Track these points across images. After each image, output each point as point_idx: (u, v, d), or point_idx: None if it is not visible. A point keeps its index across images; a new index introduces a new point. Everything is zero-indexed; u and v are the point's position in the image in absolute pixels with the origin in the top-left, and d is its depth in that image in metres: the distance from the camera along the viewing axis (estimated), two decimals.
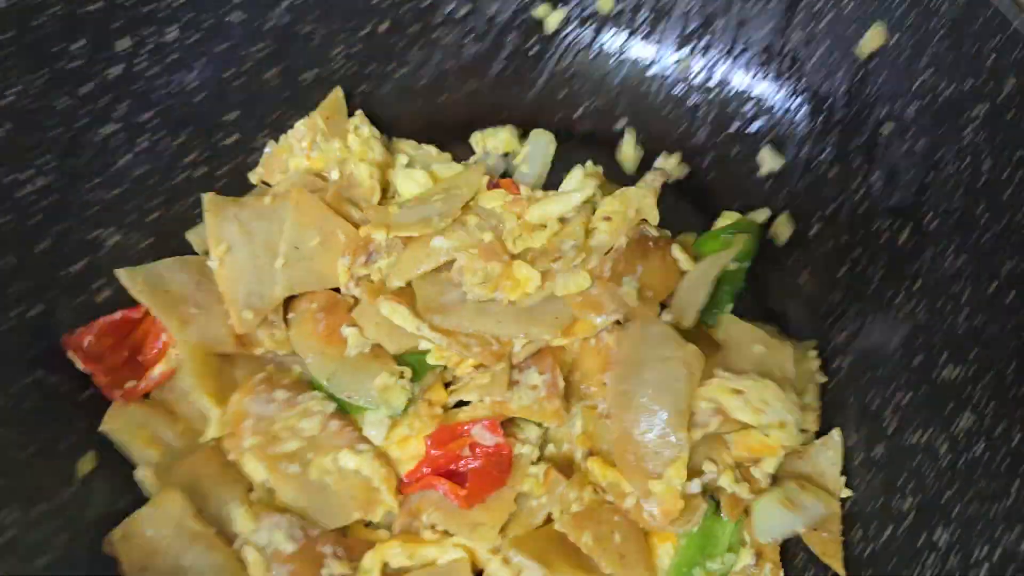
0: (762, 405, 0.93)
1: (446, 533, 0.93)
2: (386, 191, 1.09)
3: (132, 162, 1.01)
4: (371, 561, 0.91)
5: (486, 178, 1.08)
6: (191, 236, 1.04)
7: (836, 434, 0.97)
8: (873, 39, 1.01)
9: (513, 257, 0.99)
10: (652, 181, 1.09)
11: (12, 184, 0.90)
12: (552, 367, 0.98)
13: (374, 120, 1.13)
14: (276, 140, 1.10)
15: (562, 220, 1.03)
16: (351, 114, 1.12)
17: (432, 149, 1.12)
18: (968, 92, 0.93)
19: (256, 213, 1.01)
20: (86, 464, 0.90)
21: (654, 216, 1.06)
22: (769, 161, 1.13)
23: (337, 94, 1.11)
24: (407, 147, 1.13)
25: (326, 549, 0.90)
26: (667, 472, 0.91)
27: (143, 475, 0.91)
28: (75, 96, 0.95)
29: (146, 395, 0.98)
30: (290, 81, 1.10)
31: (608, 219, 1.02)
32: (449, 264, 0.99)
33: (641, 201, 1.06)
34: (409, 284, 1.00)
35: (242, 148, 1.10)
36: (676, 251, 1.04)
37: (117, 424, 0.94)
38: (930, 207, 0.97)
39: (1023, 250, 0.87)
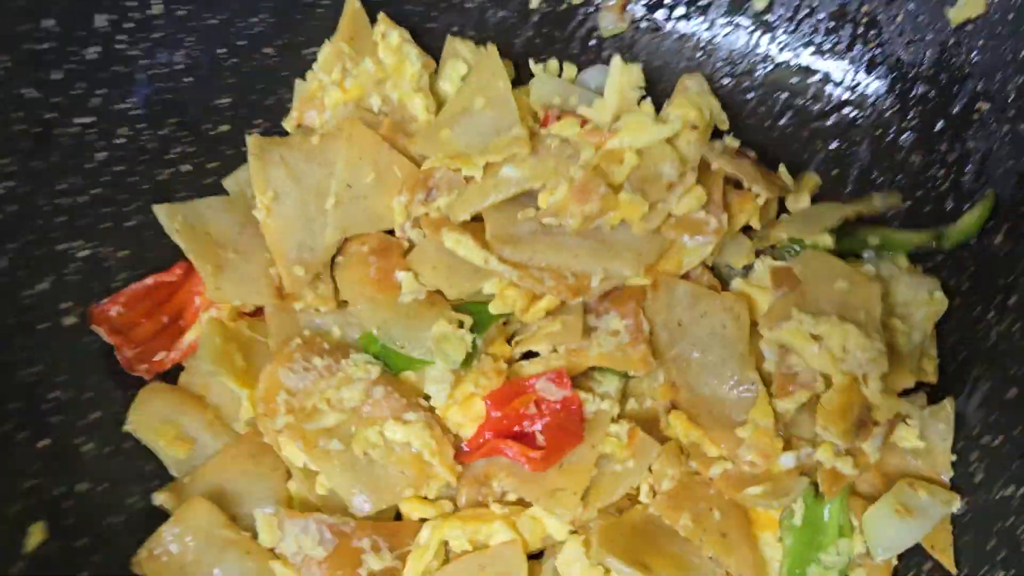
0: (842, 353, 0.82)
1: (519, 503, 0.85)
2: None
3: (108, 159, 0.89)
4: (428, 535, 0.83)
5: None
6: (228, 183, 0.95)
7: (949, 404, 0.86)
8: (970, 4, 0.88)
9: (614, 188, 0.87)
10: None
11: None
12: (635, 311, 0.88)
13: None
14: (303, 78, 0.99)
15: None
16: (373, 22, 0.98)
17: (491, 53, 0.98)
18: None
19: (304, 155, 0.92)
20: (36, 535, 0.78)
21: (724, 120, 0.98)
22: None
23: (353, 5, 0.98)
24: (466, 49, 1.00)
25: (363, 543, 0.83)
26: (751, 415, 0.84)
27: (163, 499, 0.85)
28: (44, 84, 0.83)
29: (171, 374, 0.92)
30: (291, 58, 0.98)
31: (695, 127, 0.91)
32: (522, 194, 0.89)
33: (709, 102, 0.97)
34: (474, 218, 0.90)
35: (234, 138, 0.97)
36: (782, 171, 0.97)
37: (142, 420, 0.87)
38: None
39: None
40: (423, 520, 0.84)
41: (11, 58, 0.80)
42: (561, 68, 1.04)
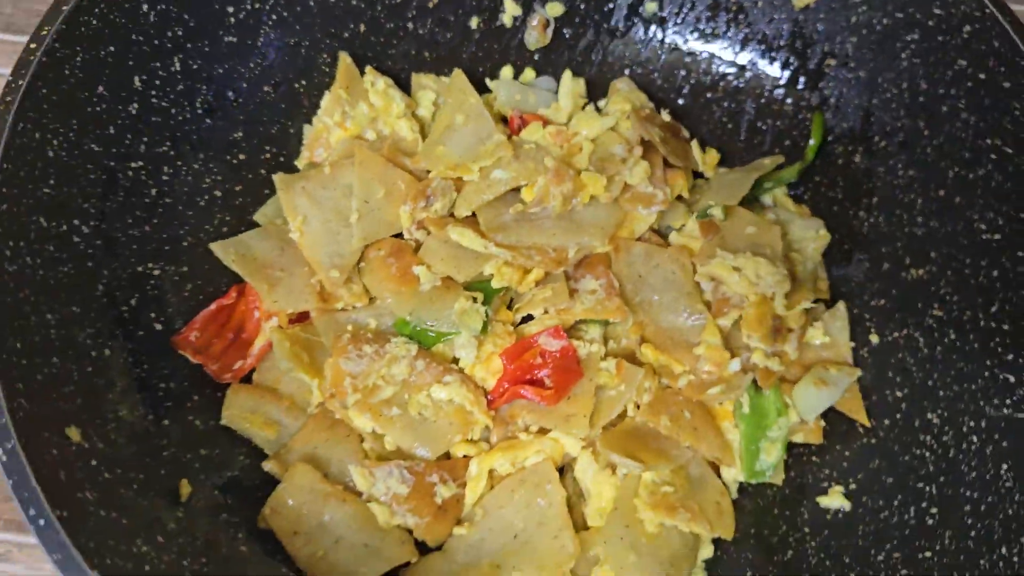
0: (756, 279, 1.07)
1: (541, 431, 1.05)
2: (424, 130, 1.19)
3: (159, 193, 1.05)
4: (477, 468, 1.03)
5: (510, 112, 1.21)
6: (259, 217, 1.13)
7: (841, 306, 1.12)
8: None
9: (578, 172, 1.11)
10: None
11: (67, 234, 0.93)
12: (605, 272, 1.11)
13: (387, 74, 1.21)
14: (310, 123, 1.19)
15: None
16: (362, 74, 1.19)
17: (457, 76, 1.21)
18: (900, 21, 1.07)
19: (320, 183, 1.12)
20: (184, 488, 0.94)
21: (650, 106, 1.23)
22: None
23: (345, 60, 1.18)
24: (428, 80, 1.22)
25: (433, 478, 1.02)
26: (703, 336, 1.07)
27: (271, 466, 1.01)
28: (103, 138, 0.98)
29: (250, 377, 1.09)
30: (288, 93, 1.17)
31: (628, 117, 1.16)
32: (511, 192, 1.11)
33: (637, 96, 1.22)
34: (472, 214, 1.11)
35: (251, 165, 1.15)
36: (694, 148, 1.21)
37: (233, 414, 1.03)
38: (876, 130, 1.11)
39: (963, 155, 1.02)
40: (468, 457, 1.04)
41: (77, 121, 0.95)
42: (517, 74, 1.25)
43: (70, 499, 0.77)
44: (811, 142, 1.17)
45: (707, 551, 1.01)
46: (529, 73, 1.24)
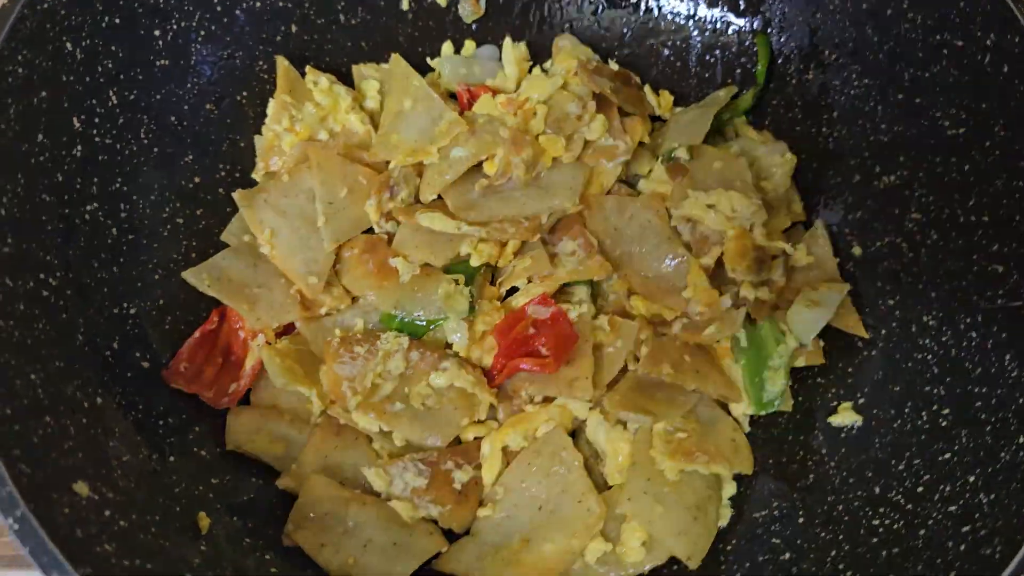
0: (732, 213, 1.07)
1: (546, 400, 1.05)
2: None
3: (120, 231, 1.04)
4: (490, 447, 1.03)
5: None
6: (226, 236, 1.11)
7: (819, 224, 1.13)
8: None
9: (536, 137, 1.10)
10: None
11: (35, 290, 0.91)
12: (581, 231, 1.10)
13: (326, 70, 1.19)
14: (260, 133, 1.17)
15: None
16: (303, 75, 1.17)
17: (396, 61, 1.19)
18: None
19: (281, 192, 1.11)
20: (203, 521, 0.94)
21: (596, 58, 1.23)
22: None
23: (283, 64, 1.16)
24: (370, 71, 1.20)
25: (448, 465, 1.02)
26: (689, 279, 1.07)
27: (286, 482, 1.01)
28: (52, 188, 0.96)
29: (248, 398, 1.09)
30: (232, 109, 1.16)
31: (576, 74, 1.15)
32: (473, 168, 1.09)
33: (581, 50, 1.21)
34: (438, 196, 1.09)
35: (208, 187, 1.14)
36: (647, 92, 1.21)
37: (238, 438, 1.03)
38: (824, 44, 1.12)
39: (916, 56, 1.02)
40: (479, 438, 1.05)
41: (23, 174, 0.92)
42: (458, 48, 1.24)
43: (91, 555, 0.76)
44: (759, 66, 1.17)
45: (730, 489, 1.02)
46: (470, 45, 1.23)
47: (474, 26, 1.23)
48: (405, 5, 1.19)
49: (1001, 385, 0.88)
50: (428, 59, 1.21)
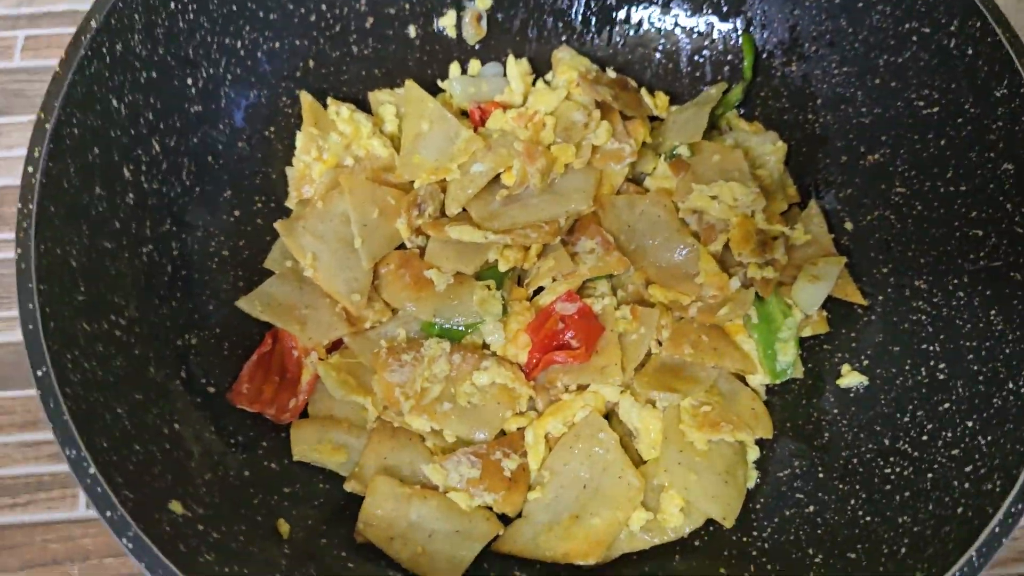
0: (734, 202, 1.18)
1: (580, 388, 1.15)
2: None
3: (174, 268, 1.12)
4: (533, 435, 1.13)
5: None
6: (269, 263, 1.20)
7: (813, 204, 1.24)
8: None
9: (548, 147, 1.20)
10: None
11: (108, 331, 0.98)
12: (598, 230, 1.20)
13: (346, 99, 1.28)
14: (291, 164, 1.25)
15: None
16: (325, 106, 1.26)
17: (410, 86, 1.27)
18: None
19: (317, 219, 1.19)
20: (283, 527, 1.02)
21: (595, 68, 1.32)
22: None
23: (307, 99, 1.24)
24: (386, 96, 1.29)
25: (497, 455, 1.11)
26: (700, 266, 1.17)
27: (352, 485, 1.10)
28: (112, 235, 1.04)
29: (306, 411, 1.16)
30: (259, 143, 1.24)
31: (578, 84, 1.24)
32: (492, 180, 1.18)
33: (581, 61, 1.31)
34: (463, 209, 1.18)
35: (247, 219, 1.22)
36: (644, 95, 1.30)
37: (303, 449, 1.11)
38: (804, 37, 1.21)
39: (888, 44, 1.12)
40: (522, 428, 1.14)
41: (86, 225, 1.00)
42: (464, 68, 1.32)
43: (197, 565, 0.85)
44: (745, 63, 1.27)
45: (754, 453, 1.12)
46: (475, 64, 1.32)
47: (478, 46, 1.32)
48: (412, 33, 1.27)
49: (989, 338, 0.98)
50: (438, 81, 1.30)
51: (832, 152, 1.21)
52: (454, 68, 1.31)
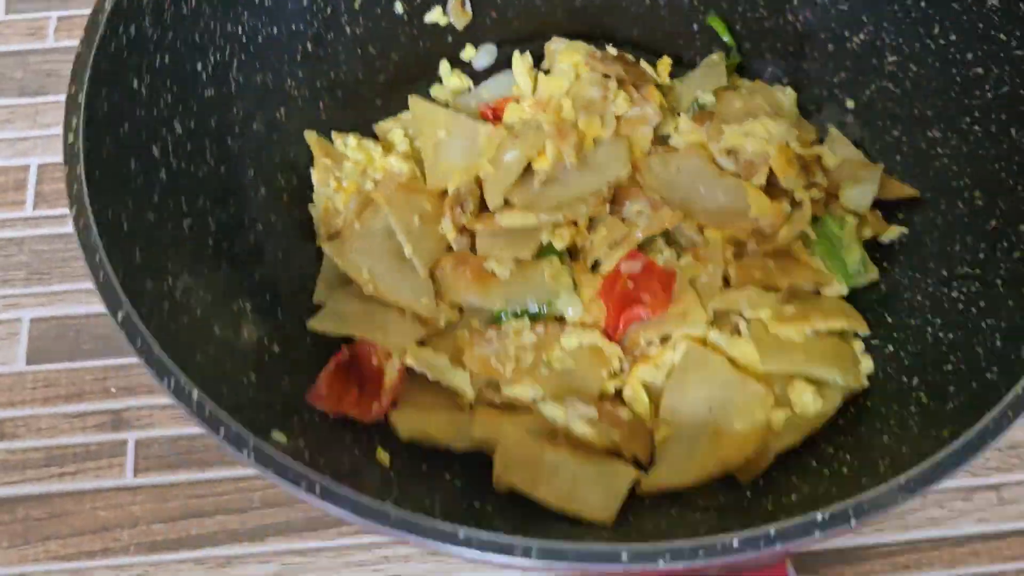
0: (767, 135, 1.34)
1: (665, 339, 1.24)
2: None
3: (215, 241, 1.19)
4: (631, 389, 1.21)
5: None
6: (318, 298, 1.27)
7: (832, 129, 1.38)
8: None
9: (574, 124, 1.37)
10: None
11: (170, 291, 1.04)
12: (639, 192, 1.32)
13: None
14: (313, 201, 1.41)
15: None
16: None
17: (415, 102, 1.41)
18: None
19: (362, 239, 1.28)
20: (382, 456, 1.08)
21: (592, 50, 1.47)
22: None
23: (311, 136, 1.40)
24: (390, 123, 1.42)
25: (607, 407, 1.15)
26: (749, 200, 1.26)
27: (480, 432, 1.15)
28: (154, 207, 1.08)
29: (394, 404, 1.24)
30: (273, 124, 1.36)
31: (587, 64, 1.38)
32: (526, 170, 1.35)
33: (576, 45, 1.44)
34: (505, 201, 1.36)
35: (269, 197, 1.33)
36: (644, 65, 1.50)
37: (411, 434, 1.14)
38: None
39: None
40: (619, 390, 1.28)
41: (129, 195, 1.04)
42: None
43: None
44: (724, 38, 1.49)
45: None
46: (470, 50, 1.46)
47: (465, 32, 1.50)
48: (399, 9, 1.44)
49: (1014, 153, 1.12)
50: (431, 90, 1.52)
51: (818, 44, 1.35)
52: (443, 66, 1.43)
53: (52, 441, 1.26)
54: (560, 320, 1.27)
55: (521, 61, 1.47)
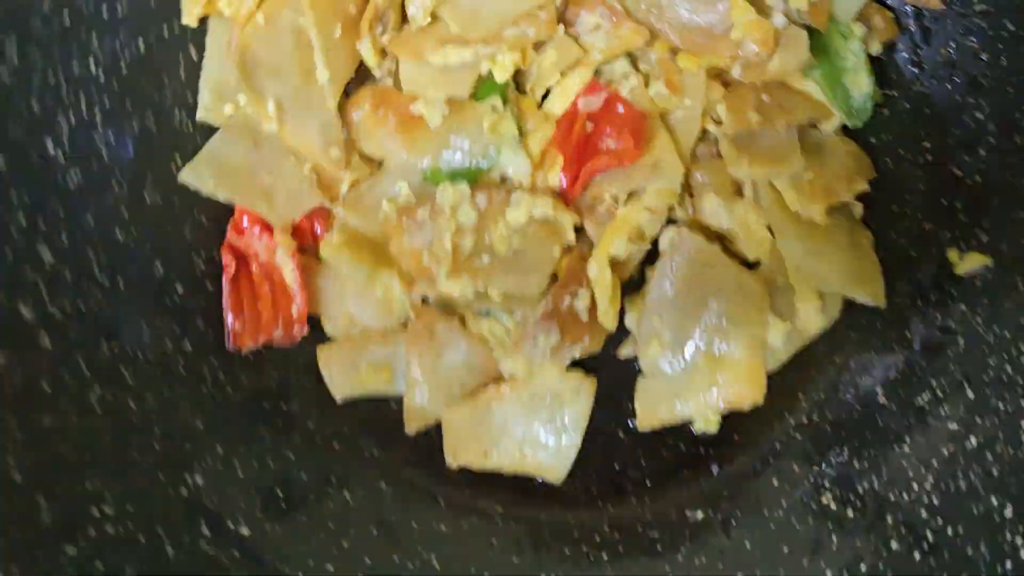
0: None
1: (632, 197, 1.05)
2: None
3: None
4: (596, 267, 1.02)
5: None
6: (203, 115, 1.02)
7: None
8: None
9: None
10: None
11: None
12: (592, 1, 1.05)
13: None
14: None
15: None
16: None
17: None
18: None
19: (262, 44, 0.98)
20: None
21: None
22: None
23: None
24: None
25: (566, 301, 0.99)
26: (732, 16, 1.01)
27: (415, 426, 1.02)
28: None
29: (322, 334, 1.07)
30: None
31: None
32: None
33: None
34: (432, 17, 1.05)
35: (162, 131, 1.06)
36: None
37: (342, 383, 1.02)
38: None
39: None
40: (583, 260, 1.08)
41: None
42: None
43: None
44: None
45: (858, 209, 1.08)
46: None
47: None
48: None
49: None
50: None
51: None
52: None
53: None
54: (504, 185, 1.05)
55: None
